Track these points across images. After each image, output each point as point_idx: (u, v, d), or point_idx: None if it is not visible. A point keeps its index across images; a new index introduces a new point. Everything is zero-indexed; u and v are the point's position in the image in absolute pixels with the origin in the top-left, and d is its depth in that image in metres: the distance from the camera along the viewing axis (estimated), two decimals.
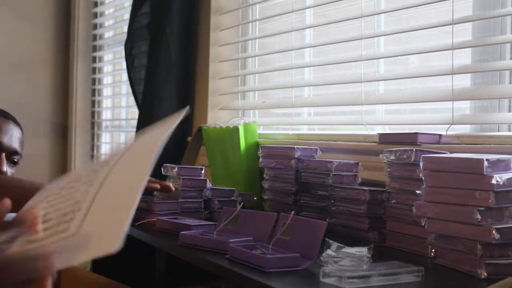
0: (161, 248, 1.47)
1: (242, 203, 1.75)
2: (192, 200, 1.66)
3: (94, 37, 3.54)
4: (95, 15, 3.54)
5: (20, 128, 1.82)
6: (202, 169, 1.73)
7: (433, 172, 1.13)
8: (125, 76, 2.86)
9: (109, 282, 1.60)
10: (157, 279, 1.75)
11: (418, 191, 1.16)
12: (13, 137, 1.76)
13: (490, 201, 1.02)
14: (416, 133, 1.45)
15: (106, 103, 3.54)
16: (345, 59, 1.92)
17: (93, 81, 3.56)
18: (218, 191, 1.72)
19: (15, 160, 1.76)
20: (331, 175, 1.49)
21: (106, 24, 3.50)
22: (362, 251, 1.08)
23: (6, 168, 1.70)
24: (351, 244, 1.13)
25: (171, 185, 1.57)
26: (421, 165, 1.16)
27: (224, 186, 1.81)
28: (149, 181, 1.47)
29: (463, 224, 1.06)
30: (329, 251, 1.09)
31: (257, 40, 2.32)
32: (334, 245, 1.11)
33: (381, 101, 1.78)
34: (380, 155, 1.34)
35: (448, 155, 1.19)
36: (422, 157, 1.16)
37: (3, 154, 1.71)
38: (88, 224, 0.66)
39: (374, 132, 1.69)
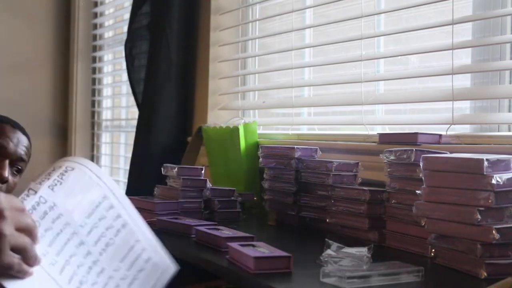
0: None
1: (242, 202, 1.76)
2: (192, 200, 1.66)
3: (94, 37, 3.54)
4: (95, 15, 3.54)
5: (28, 138, 1.78)
6: (202, 169, 1.73)
7: (433, 172, 1.13)
8: (125, 76, 2.86)
9: None
10: None
11: (418, 191, 1.16)
12: (20, 144, 1.71)
13: (490, 201, 1.02)
14: (416, 133, 1.45)
15: (106, 103, 3.54)
16: (345, 59, 1.92)
17: (93, 81, 3.56)
18: (218, 191, 1.72)
19: (19, 167, 1.70)
20: (331, 175, 1.49)
21: (106, 24, 3.50)
22: (362, 251, 1.08)
23: (8, 174, 1.64)
24: (351, 244, 1.13)
25: None
26: (421, 165, 1.16)
27: (224, 186, 1.81)
28: None
29: (463, 224, 1.06)
30: (329, 251, 1.09)
31: (257, 40, 2.32)
32: (334, 245, 1.10)
33: (381, 101, 1.78)
34: (380, 155, 1.34)
35: (448, 155, 1.19)
36: (422, 157, 1.16)
37: (7, 161, 1.65)
38: None
39: (374, 132, 1.69)
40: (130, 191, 2.38)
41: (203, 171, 1.72)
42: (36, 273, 0.82)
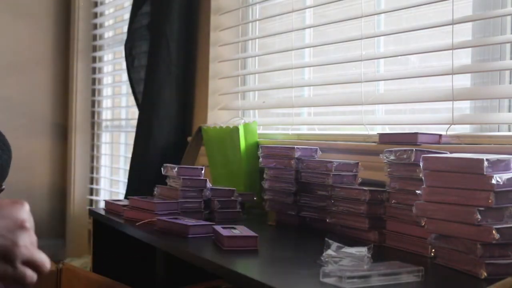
0: (161, 248, 1.47)
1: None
2: (192, 200, 1.66)
3: (94, 37, 3.55)
4: (95, 15, 3.54)
5: (2, 151, 1.48)
6: (202, 169, 1.73)
7: (433, 172, 1.13)
8: (125, 76, 2.86)
9: (109, 282, 1.60)
10: (157, 279, 1.75)
11: (418, 191, 1.16)
12: None
13: (490, 201, 1.02)
14: (416, 133, 1.45)
15: (106, 103, 3.54)
16: (345, 59, 1.92)
17: (93, 81, 3.56)
18: (218, 191, 1.72)
19: None
20: (331, 175, 1.49)
21: (106, 24, 3.50)
22: (362, 251, 1.08)
23: None
24: (351, 244, 1.13)
25: None
26: (421, 165, 1.16)
27: (224, 186, 1.82)
28: None
29: (463, 224, 1.06)
30: (329, 251, 1.09)
31: (257, 40, 2.32)
32: (334, 245, 1.11)
33: (381, 101, 1.78)
34: (380, 155, 1.34)
35: (448, 155, 1.19)
36: (422, 157, 1.16)
37: None
38: None
39: (374, 132, 1.69)
40: (130, 191, 2.39)
41: (203, 171, 1.72)
42: None
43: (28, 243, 0.78)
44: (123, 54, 2.72)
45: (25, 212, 0.79)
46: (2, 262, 0.76)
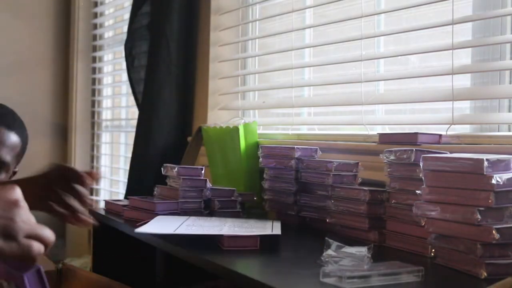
0: (161, 248, 1.47)
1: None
2: (192, 200, 1.66)
3: (94, 37, 3.55)
4: (95, 15, 3.54)
5: (21, 135, 1.60)
6: (202, 169, 1.73)
7: (433, 172, 1.13)
8: (125, 76, 2.86)
9: (109, 282, 1.60)
10: (157, 279, 1.75)
11: (418, 191, 1.16)
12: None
13: (490, 201, 1.02)
14: (416, 133, 1.45)
15: (106, 103, 3.54)
16: (345, 59, 1.92)
17: (93, 81, 3.56)
18: (218, 191, 1.72)
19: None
20: (331, 175, 1.49)
21: (106, 24, 3.50)
22: (362, 251, 1.08)
23: None
24: (351, 244, 1.13)
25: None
26: (421, 165, 1.16)
27: (224, 186, 1.81)
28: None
29: (463, 224, 1.06)
30: (329, 251, 1.09)
31: (257, 40, 2.32)
32: (334, 245, 1.11)
33: (381, 101, 1.78)
34: (380, 155, 1.34)
35: (448, 155, 1.19)
36: (422, 157, 1.16)
37: None
38: None
39: (374, 132, 1.69)
40: (130, 191, 2.39)
41: (203, 171, 1.72)
42: None
43: (25, 219, 0.80)
44: (123, 54, 2.72)
45: (17, 193, 0.81)
46: (5, 240, 0.77)
